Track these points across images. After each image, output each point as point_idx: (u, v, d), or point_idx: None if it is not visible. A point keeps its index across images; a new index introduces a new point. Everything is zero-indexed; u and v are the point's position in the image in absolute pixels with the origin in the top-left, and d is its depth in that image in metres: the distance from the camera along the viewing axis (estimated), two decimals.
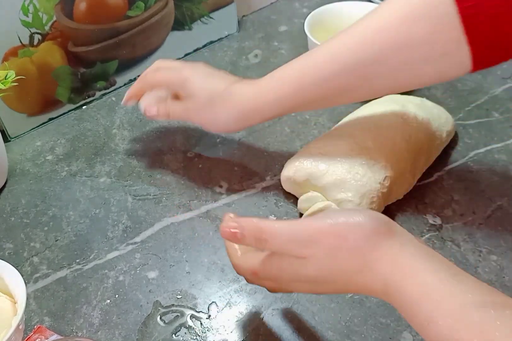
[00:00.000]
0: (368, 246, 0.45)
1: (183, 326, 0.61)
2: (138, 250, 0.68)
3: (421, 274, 0.43)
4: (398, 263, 0.44)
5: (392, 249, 0.45)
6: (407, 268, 0.44)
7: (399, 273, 0.44)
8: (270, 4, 1.08)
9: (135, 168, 0.79)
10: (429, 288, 0.42)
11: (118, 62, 0.90)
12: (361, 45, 0.59)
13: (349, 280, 0.46)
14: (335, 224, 0.46)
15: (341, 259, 0.46)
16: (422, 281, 0.43)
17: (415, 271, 0.43)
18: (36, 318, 0.62)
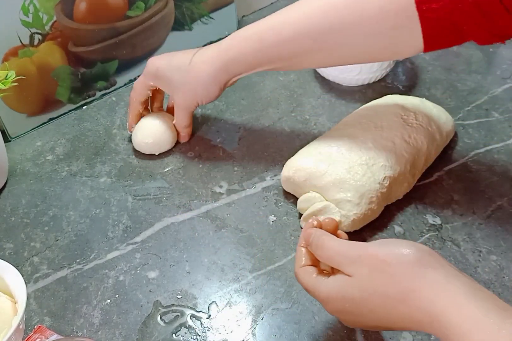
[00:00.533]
0: (411, 274, 0.45)
1: (183, 325, 0.61)
2: (138, 249, 0.69)
3: (466, 306, 0.43)
4: (442, 294, 0.44)
5: (437, 280, 0.45)
6: (452, 299, 0.43)
7: (444, 304, 0.43)
8: (270, 4, 1.08)
9: (135, 168, 0.79)
10: (478, 320, 0.42)
11: (118, 62, 0.90)
12: (317, 13, 0.64)
13: (392, 308, 0.46)
14: (382, 249, 0.48)
15: (383, 282, 0.46)
16: (469, 313, 0.43)
17: (460, 303, 0.43)
18: (37, 318, 0.62)
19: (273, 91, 0.89)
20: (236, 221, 0.71)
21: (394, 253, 0.47)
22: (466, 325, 0.42)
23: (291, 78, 0.92)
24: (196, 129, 0.84)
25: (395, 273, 0.46)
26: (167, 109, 0.83)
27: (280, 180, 0.74)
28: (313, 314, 0.61)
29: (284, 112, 0.86)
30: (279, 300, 0.63)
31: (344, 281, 0.49)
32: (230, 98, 0.89)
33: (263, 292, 0.64)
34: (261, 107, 0.87)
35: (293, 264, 0.65)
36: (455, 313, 0.43)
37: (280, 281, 0.64)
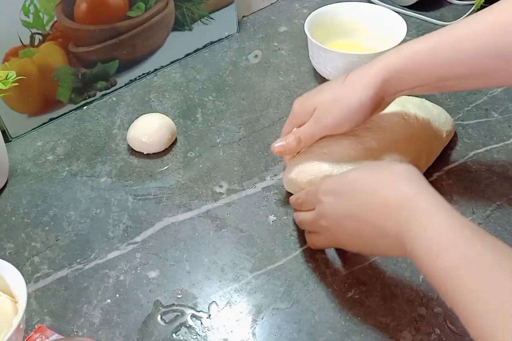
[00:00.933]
0: (398, 177, 0.53)
1: (183, 325, 0.61)
2: (138, 249, 0.69)
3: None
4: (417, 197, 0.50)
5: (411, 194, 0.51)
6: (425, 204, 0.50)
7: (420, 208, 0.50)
8: (270, 4, 1.08)
9: (135, 168, 0.79)
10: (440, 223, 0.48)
11: (118, 62, 0.90)
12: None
13: (373, 192, 0.53)
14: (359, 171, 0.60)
15: (373, 174, 0.55)
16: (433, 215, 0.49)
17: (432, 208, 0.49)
18: (37, 318, 0.62)
19: (273, 91, 0.90)
20: (236, 220, 0.71)
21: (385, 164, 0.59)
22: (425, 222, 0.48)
23: (291, 78, 0.92)
24: (196, 129, 0.84)
25: (383, 172, 0.55)
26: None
27: (280, 179, 0.74)
28: (313, 314, 0.61)
29: (284, 112, 0.86)
30: (279, 299, 0.63)
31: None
32: (230, 98, 0.89)
33: (263, 291, 0.64)
34: (261, 107, 0.87)
35: (293, 264, 0.66)
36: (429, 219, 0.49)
37: (280, 281, 0.65)
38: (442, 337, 0.59)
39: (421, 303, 0.62)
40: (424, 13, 1.04)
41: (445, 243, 0.46)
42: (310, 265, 0.66)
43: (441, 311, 0.61)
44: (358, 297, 0.63)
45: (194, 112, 0.87)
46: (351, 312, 0.61)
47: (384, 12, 0.92)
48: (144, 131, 0.79)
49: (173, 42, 0.94)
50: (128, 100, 0.90)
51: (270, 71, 0.94)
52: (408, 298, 0.62)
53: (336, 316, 0.61)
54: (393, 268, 0.65)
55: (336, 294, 0.63)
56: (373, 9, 0.93)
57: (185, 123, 0.85)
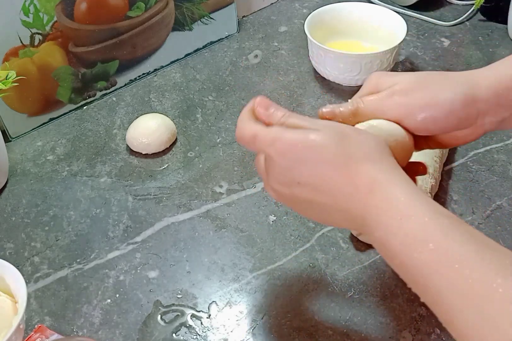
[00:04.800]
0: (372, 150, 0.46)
1: (183, 325, 0.61)
2: (138, 249, 0.69)
3: (403, 185, 0.44)
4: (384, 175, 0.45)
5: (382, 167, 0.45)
6: (392, 179, 0.45)
7: (387, 181, 0.45)
8: (270, 4, 1.08)
9: (135, 168, 0.79)
10: (409, 193, 0.44)
11: (118, 62, 0.90)
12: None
13: (342, 164, 0.46)
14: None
15: (344, 142, 0.46)
16: (404, 189, 0.44)
17: (397, 183, 0.44)
18: (37, 318, 0.62)
19: (273, 91, 0.90)
20: (236, 220, 0.71)
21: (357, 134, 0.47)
22: (406, 204, 0.43)
23: (291, 78, 0.92)
24: (196, 129, 0.84)
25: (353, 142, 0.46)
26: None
27: None
28: (313, 314, 0.61)
29: None
30: (279, 299, 0.63)
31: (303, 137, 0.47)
32: (230, 98, 0.89)
33: (263, 291, 0.64)
34: None
35: (293, 264, 0.66)
36: (396, 190, 0.44)
37: (280, 281, 0.65)
38: (442, 337, 0.59)
39: (421, 303, 0.61)
40: (424, 13, 1.04)
41: (422, 234, 0.42)
42: (310, 265, 0.66)
43: None
44: (358, 297, 0.63)
45: (194, 112, 0.87)
46: (351, 312, 0.61)
47: (384, 12, 0.92)
48: (143, 131, 0.79)
49: (173, 42, 0.94)
50: (128, 100, 0.90)
51: (270, 71, 0.94)
52: (408, 297, 0.62)
53: (336, 316, 0.61)
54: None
55: (336, 294, 0.63)
56: (373, 9, 0.93)
57: (185, 123, 0.85)
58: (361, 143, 0.46)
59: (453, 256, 0.40)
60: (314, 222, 0.70)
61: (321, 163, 0.46)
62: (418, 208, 0.43)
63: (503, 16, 0.99)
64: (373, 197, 0.44)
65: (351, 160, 0.45)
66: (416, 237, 0.42)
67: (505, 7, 0.98)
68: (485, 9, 1.02)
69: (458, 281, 0.39)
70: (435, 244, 0.41)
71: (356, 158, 0.45)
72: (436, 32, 1.01)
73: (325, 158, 0.46)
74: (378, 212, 0.44)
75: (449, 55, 0.95)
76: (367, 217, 0.45)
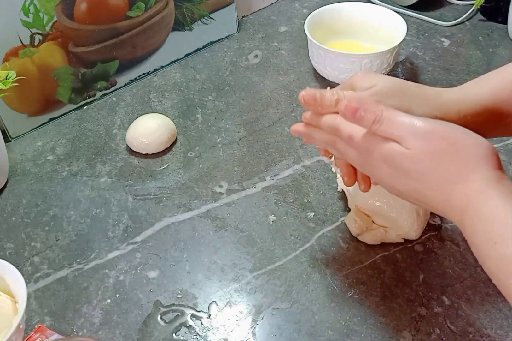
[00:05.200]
0: (473, 164, 0.45)
1: (183, 325, 0.61)
2: (138, 249, 0.69)
3: (502, 203, 0.44)
4: (488, 190, 0.45)
5: (490, 177, 0.45)
6: (494, 196, 0.44)
7: (485, 197, 0.44)
8: (270, 4, 1.08)
9: (135, 168, 0.79)
10: (508, 214, 0.43)
11: (118, 62, 0.90)
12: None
13: (438, 185, 0.46)
14: (455, 133, 0.47)
15: (445, 165, 0.46)
16: (503, 208, 0.43)
17: (499, 200, 0.44)
18: (37, 318, 0.62)
19: (273, 91, 0.90)
20: (236, 220, 0.71)
21: (465, 141, 0.46)
22: (491, 216, 0.43)
23: (291, 78, 0.92)
24: (196, 129, 0.84)
25: (459, 158, 0.46)
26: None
27: (280, 179, 0.74)
28: (313, 314, 0.61)
29: (284, 112, 0.86)
30: (279, 299, 0.63)
31: (400, 151, 0.47)
32: (230, 98, 0.89)
33: (263, 291, 0.64)
34: (261, 107, 0.87)
35: (293, 264, 0.66)
36: (487, 205, 0.44)
37: (280, 281, 0.65)
38: (442, 337, 0.59)
39: (421, 303, 0.62)
40: (424, 13, 1.04)
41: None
42: (310, 265, 0.66)
43: (441, 311, 0.61)
44: (358, 297, 0.63)
45: (194, 112, 0.87)
46: (351, 312, 0.61)
47: (384, 12, 0.92)
48: (143, 131, 0.79)
49: (173, 42, 0.94)
50: (128, 100, 0.90)
51: (270, 71, 0.94)
52: (408, 298, 0.62)
53: (336, 316, 0.61)
54: (393, 268, 0.65)
55: (336, 294, 0.63)
56: (373, 9, 0.93)
57: (185, 123, 0.85)
58: (455, 160, 0.46)
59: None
60: (314, 222, 0.70)
61: (419, 182, 0.47)
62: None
63: (503, 16, 0.99)
64: (467, 219, 0.45)
65: (448, 181, 0.46)
66: (510, 262, 0.42)
67: (505, 7, 0.98)
68: (485, 9, 1.02)
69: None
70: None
71: (452, 179, 0.46)
72: (436, 32, 1.01)
73: (423, 178, 0.47)
74: (471, 234, 0.45)
75: (449, 55, 0.95)
76: (463, 229, 0.46)
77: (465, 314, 0.61)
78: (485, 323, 0.60)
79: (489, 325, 0.60)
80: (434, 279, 0.64)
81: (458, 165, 0.46)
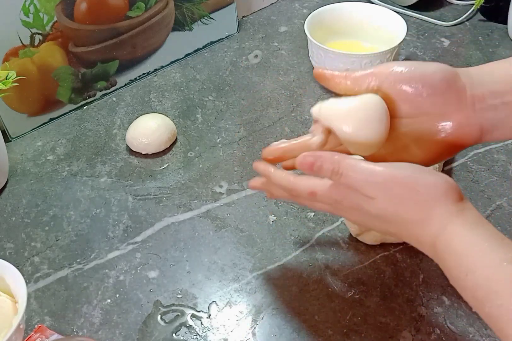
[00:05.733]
0: (433, 202, 0.46)
1: (183, 325, 0.61)
2: (138, 249, 0.69)
3: (467, 232, 0.45)
4: (451, 223, 0.45)
5: (451, 211, 0.46)
6: (459, 227, 0.45)
7: (449, 231, 0.45)
8: (270, 4, 1.08)
9: (135, 168, 0.79)
10: (473, 244, 0.44)
11: (118, 62, 0.90)
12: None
13: (405, 227, 0.48)
14: (412, 176, 0.47)
15: (407, 209, 0.47)
16: (468, 239, 0.44)
17: (464, 231, 0.45)
18: (37, 318, 0.62)
19: (273, 91, 0.90)
20: (236, 220, 0.71)
21: (425, 181, 0.47)
22: (461, 248, 0.44)
23: (291, 78, 0.92)
24: (196, 129, 0.84)
25: (420, 201, 0.47)
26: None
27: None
28: (313, 314, 0.61)
29: (284, 112, 0.86)
30: (279, 299, 0.63)
31: (365, 201, 0.48)
32: (230, 98, 0.89)
33: (263, 291, 0.64)
34: (261, 107, 0.87)
35: (293, 264, 0.66)
36: (456, 239, 0.45)
37: (280, 281, 0.64)
38: (442, 337, 0.59)
39: (421, 303, 0.62)
40: (424, 13, 1.04)
41: (487, 290, 0.42)
42: (310, 265, 0.66)
43: (441, 311, 0.61)
44: (358, 297, 0.63)
45: (194, 112, 0.87)
46: (351, 312, 0.61)
47: (384, 12, 0.92)
48: (143, 131, 0.79)
49: (173, 42, 0.94)
50: (128, 100, 0.90)
51: (270, 71, 0.94)
52: (408, 298, 0.62)
53: (336, 316, 0.61)
54: (393, 268, 0.65)
55: (336, 294, 0.63)
56: (373, 9, 0.93)
57: (185, 123, 0.85)
58: (420, 201, 0.47)
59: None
60: (314, 222, 0.70)
61: (388, 225, 0.49)
62: (481, 260, 0.43)
63: (503, 16, 0.99)
64: (439, 254, 0.46)
65: (413, 223, 0.47)
66: (483, 292, 0.43)
67: (505, 7, 0.98)
68: (485, 9, 1.02)
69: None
70: (502, 299, 0.41)
71: (414, 222, 0.47)
72: (436, 32, 1.01)
73: (390, 223, 0.48)
74: (445, 268, 0.46)
75: (449, 55, 0.95)
76: (435, 258, 0.47)
77: (465, 314, 0.61)
78: (485, 323, 0.59)
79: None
80: (434, 279, 0.64)
81: (419, 206, 0.47)
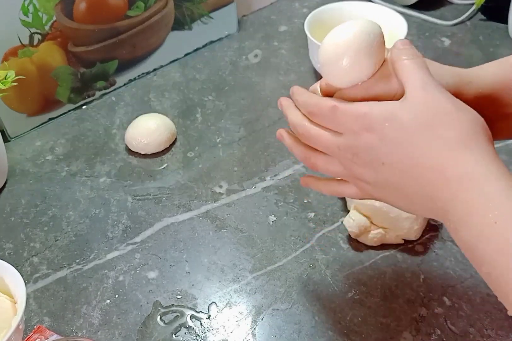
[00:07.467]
0: (472, 133, 0.41)
1: (183, 326, 0.61)
2: (138, 250, 0.68)
3: (504, 177, 0.40)
4: (489, 163, 0.41)
5: (489, 150, 0.41)
6: (495, 171, 0.40)
7: (486, 169, 0.40)
8: (270, 4, 1.08)
9: (135, 168, 0.79)
10: (508, 191, 0.39)
11: (118, 62, 0.90)
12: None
13: (433, 150, 0.42)
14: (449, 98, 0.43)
15: (441, 127, 0.42)
16: (503, 182, 0.40)
17: (500, 175, 0.40)
18: (36, 318, 0.62)
19: (273, 91, 0.89)
20: (236, 221, 0.71)
21: (467, 111, 0.43)
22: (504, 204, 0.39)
23: (291, 78, 0.92)
24: (196, 129, 0.84)
25: (455, 125, 0.42)
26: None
27: (280, 179, 0.74)
28: (313, 314, 0.61)
29: None
30: (279, 300, 0.63)
31: (399, 103, 0.44)
32: (230, 98, 0.88)
33: (263, 292, 0.63)
34: (261, 107, 0.87)
35: (293, 264, 0.66)
36: (493, 186, 0.39)
37: (280, 281, 0.64)
38: (443, 338, 0.59)
39: (422, 303, 0.62)
40: (425, 13, 1.04)
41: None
42: (310, 266, 0.66)
43: (442, 312, 0.61)
44: (358, 297, 0.62)
45: (193, 112, 0.87)
46: (351, 313, 0.61)
47: (384, 11, 0.92)
48: (142, 131, 0.79)
49: (172, 42, 0.94)
50: (128, 100, 0.90)
51: (270, 70, 0.93)
52: (409, 298, 0.62)
53: (336, 317, 0.61)
54: (393, 268, 0.65)
55: (336, 294, 0.63)
56: (374, 8, 0.93)
57: (184, 123, 0.85)
58: (455, 126, 0.41)
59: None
60: (314, 222, 0.70)
61: (411, 146, 0.42)
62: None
63: (504, 15, 0.99)
64: (464, 192, 0.40)
65: (445, 146, 0.41)
66: (507, 242, 0.37)
67: (506, 6, 0.97)
68: (486, 9, 1.02)
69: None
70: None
71: (450, 145, 0.41)
72: (436, 31, 1.00)
73: (416, 142, 0.42)
74: (467, 211, 0.40)
75: (450, 55, 0.95)
76: (453, 212, 0.41)
77: (465, 315, 0.60)
78: (486, 324, 0.60)
79: (490, 326, 0.59)
80: (434, 280, 0.64)
81: (457, 130, 0.41)
